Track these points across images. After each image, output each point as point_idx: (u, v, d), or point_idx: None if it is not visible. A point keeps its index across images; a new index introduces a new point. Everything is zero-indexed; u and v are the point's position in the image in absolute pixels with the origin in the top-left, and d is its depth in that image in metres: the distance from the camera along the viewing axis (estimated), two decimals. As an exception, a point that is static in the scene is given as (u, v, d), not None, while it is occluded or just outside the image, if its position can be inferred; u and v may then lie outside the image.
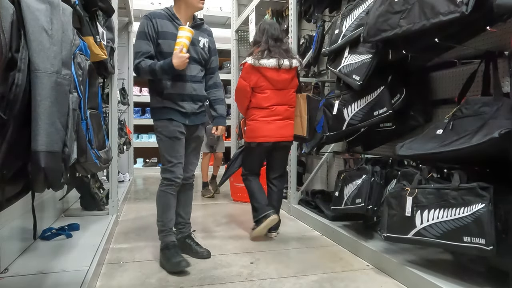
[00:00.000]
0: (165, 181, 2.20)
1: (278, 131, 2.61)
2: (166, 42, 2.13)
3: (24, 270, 1.81)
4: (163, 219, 2.21)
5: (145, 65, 2.10)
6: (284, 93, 2.62)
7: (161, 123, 2.18)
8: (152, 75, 2.12)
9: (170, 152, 2.18)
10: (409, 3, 1.75)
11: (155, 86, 2.19)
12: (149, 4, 6.36)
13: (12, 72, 0.98)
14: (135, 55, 2.17)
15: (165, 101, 2.16)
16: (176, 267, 2.03)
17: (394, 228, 1.89)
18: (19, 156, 1.05)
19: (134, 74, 2.16)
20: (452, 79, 2.19)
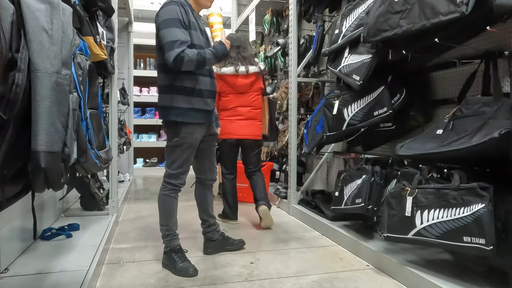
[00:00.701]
0: (169, 185, 2.12)
1: (240, 129, 2.95)
2: (194, 33, 2.01)
3: (24, 270, 1.81)
4: (167, 223, 2.15)
5: (191, 53, 1.89)
6: (245, 96, 2.95)
7: (187, 128, 2.01)
8: (199, 65, 1.95)
9: (185, 159, 2.07)
10: (409, 3, 1.75)
11: (184, 82, 2.00)
12: (149, 4, 6.36)
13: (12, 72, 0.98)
14: (170, 45, 1.90)
15: (194, 100, 2.01)
16: (184, 274, 1.99)
17: (394, 228, 1.89)
18: (19, 156, 1.05)
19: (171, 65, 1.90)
20: (452, 79, 2.19)
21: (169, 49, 1.90)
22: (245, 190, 3.95)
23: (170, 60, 1.90)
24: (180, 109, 2.00)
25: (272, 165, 4.20)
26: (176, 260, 2.06)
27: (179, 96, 2.00)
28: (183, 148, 2.05)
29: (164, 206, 2.16)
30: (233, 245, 2.40)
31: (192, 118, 2.02)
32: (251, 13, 4.73)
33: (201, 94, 2.03)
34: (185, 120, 2.01)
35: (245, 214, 3.46)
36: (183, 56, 1.88)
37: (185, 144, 2.04)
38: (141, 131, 6.52)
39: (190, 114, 2.01)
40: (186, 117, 2.00)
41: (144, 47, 6.43)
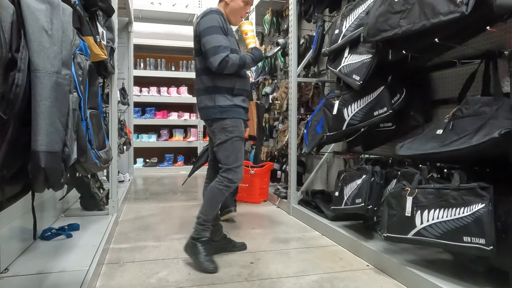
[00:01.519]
0: (225, 181, 2.17)
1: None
2: (231, 39, 2.18)
3: (24, 270, 1.81)
4: (207, 214, 2.19)
5: (235, 58, 2.09)
6: None
7: (233, 122, 2.16)
8: (240, 68, 2.13)
9: (239, 152, 2.18)
10: (409, 3, 1.75)
11: (225, 83, 2.16)
12: (149, 4, 6.38)
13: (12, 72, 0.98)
14: (215, 49, 2.07)
15: (235, 99, 2.16)
16: (205, 268, 2.05)
17: (394, 228, 1.89)
18: (19, 156, 1.05)
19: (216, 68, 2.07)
20: (452, 79, 2.19)
21: (214, 54, 2.06)
22: (245, 190, 3.96)
23: (216, 63, 2.06)
24: (224, 107, 2.15)
25: (272, 165, 4.21)
26: (201, 251, 2.11)
27: (221, 95, 2.15)
28: (233, 142, 2.16)
29: (213, 198, 2.20)
30: (235, 247, 2.40)
31: (235, 113, 2.17)
32: (251, 13, 4.73)
33: (240, 93, 2.19)
34: (230, 115, 2.15)
35: (245, 214, 3.46)
36: (227, 60, 2.06)
37: (235, 137, 2.16)
38: (141, 131, 6.52)
39: (233, 109, 2.16)
40: (230, 113, 2.15)
41: (144, 47, 6.43)
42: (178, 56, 6.80)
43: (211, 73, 2.15)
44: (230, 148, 2.16)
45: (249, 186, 3.93)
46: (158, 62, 6.58)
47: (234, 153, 2.16)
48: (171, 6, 6.54)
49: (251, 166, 4.05)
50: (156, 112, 6.62)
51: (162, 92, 6.59)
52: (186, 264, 2.18)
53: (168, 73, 6.51)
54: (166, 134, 6.70)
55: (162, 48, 6.63)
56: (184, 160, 6.75)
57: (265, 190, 4.02)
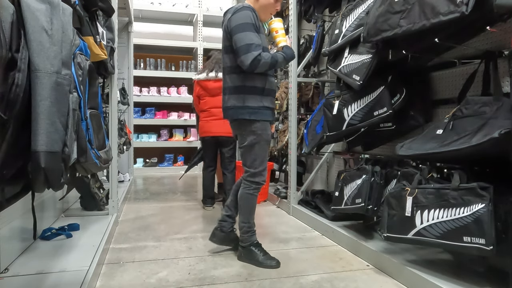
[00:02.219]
0: (253, 184, 2.19)
1: (215, 127, 3.42)
2: (262, 36, 2.14)
3: (24, 270, 1.81)
4: (249, 220, 2.24)
5: (267, 57, 2.04)
6: (217, 98, 3.34)
7: (261, 124, 2.13)
8: (271, 67, 2.09)
9: (264, 155, 2.18)
10: (409, 3, 1.75)
11: (255, 83, 2.11)
12: (149, 4, 6.38)
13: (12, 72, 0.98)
14: (247, 48, 2.01)
15: (264, 99, 2.13)
16: (269, 265, 2.12)
17: (394, 228, 1.89)
18: (19, 156, 1.05)
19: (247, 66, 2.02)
20: (452, 79, 2.19)
21: (246, 52, 2.01)
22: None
23: (247, 62, 2.00)
24: (253, 108, 2.11)
25: (272, 165, 4.21)
26: (257, 253, 2.17)
27: (250, 96, 2.11)
28: (261, 145, 2.15)
29: (247, 205, 2.24)
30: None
31: (264, 115, 2.13)
32: (251, 13, 4.73)
33: (269, 93, 2.16)
34: (258, 118, 2.11)
35: (245, 214, 3.46)
36: (259, 59, 2.00)
37: (262, 140, 2.15)
38: (141, 131, 6.52)
39: (262, 112, 2.12)
40: (259, 115, 2.12)
41: (144, 47, 6.43)
42: (178, 56, 6.80)
43: (242, 71, 2.10)
44: (257, 152, 2.15)
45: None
46: (158, 62, 6.57)
47: (260, 156, 2.16)
48: (171, 6, 6.54)
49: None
50: (156, 112, 6.62)
51: (162, 92, 6.59)
52: (186, 264, 2.18)
53: (168, 73, 6.51)
54: (166, 134, 6.70)
55: (162, 48, 6.63)
56: (184, 160, 6.74)
57: (265, 190, 4.02)
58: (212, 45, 6.53)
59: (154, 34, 6.78)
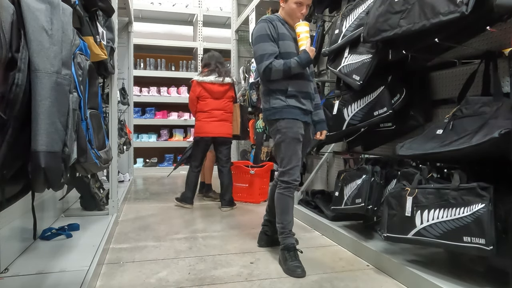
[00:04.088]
0: (283, 183, 2.18)
1: (215, 129, 3.59)
2: (284, 43, 2.19)
3: (24, 270, 1.81)
4: (282, 221, 2.21)
5: (278, 64, 2.12)
6: (219, 101, 3.61)
7: (285, 123, 2.16)
8: (286, 73, 2.13)
9: (292, 154, 2.16)
10: (409, 3, 1.75)
11: (277, 86, 2.18)
12: (149, 4, 6.38)
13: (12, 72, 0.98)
14: (260, 58, 2.16)
15: (289, 100, 2.16)
16: (292, 273, 2.03)
17: (394, 228, 1.89)
18: (19, 156, 1.05)
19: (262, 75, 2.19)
20: (452, 79, 2.19)
21: (259, 62, 2.17)
22: (245, 190, 3.96)
23: (260, 71, 2.17)
24: (277, 108, 2.18)
25: (272, 165, 4.20)
26: (287, 258, 2.11)
27: (274, 98, 2.19)
28: (286, 143, 2.16)
29: (279, 204, 2.22)
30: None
31: (288, 113, 2.16)
32: (251, 13, 4.73)
33: (294, 94, 2.18)
34: (282, 116, 2.16)
35: (245, 214, 3.46)
36: (270, 68, 2.12)
37: (287, 138, 2.15)
38: (141, 131, 6.52)
39: (286, 110, 2.17)
40: (282, 114, 2.17)
41: (144, 47, 6.43)
42: (178, 56, 6.80)
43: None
44: (283, 150, 2.16)
45: (249, 186, 3.94)
46: (158, 62, 6.58)
47: (287, 155, 2.15)
48: (171, 6, 6.54)
49: (251, 166, 4.06)
50: (156, 112, 6.62)
51: (162, 92, 6.59)
52: (186, 264, 2.18)
53: (168, 73, 6.51)
54: (166, 134, 6.70)
55: (162, 48, 6.63)
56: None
57: (265, 190, 4.02)
58: (212, 45, 6.53)
59: (154, 34, 6.78)
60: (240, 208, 3.74)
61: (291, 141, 2.15)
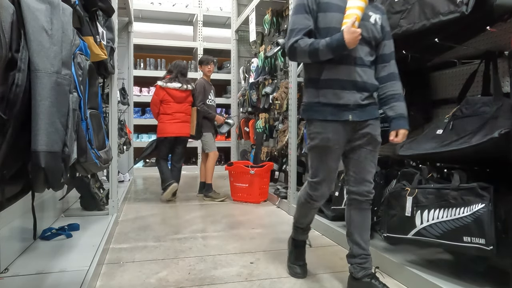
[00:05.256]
0: (306, 194, 1.88)
1: (177, 129, 4.03)
2: (327, 15, 1.69)
3: (24, 270, 1.81)
4: (298, 220, 2.00)
5: (304, 44, 1.66)
6: (181, 105, 4.06)
7: (314, 126, 1.74)
8: (312, 57, 1.67)
9: (317, 164, 1.76)
10: (409, 3, 1.75)
11: (310, 72, 1.77)
12: (149, 4, 6.38)
13: (12, 72, 0.98)
14: (289, 33, 1.74)
15: (321, 92, 1.70)
16: (291, 272, 2.00)
17: (394, 228, 1.89)
18: (19, 156, 1.05)
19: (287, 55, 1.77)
20: (452, 79, 2.19)
21: (287, 39, 1.74)
22: (245, 190, 3.96)
23: (286, 50, 1.75)
24: (306, 105, 1.78)
25: (272, 165, 4.21)
26: (290, 255, 2.04)
27: (308, 89, 1.78)
28: (314, 152, 1.76)
29: (301, 208, 1.96)
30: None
31: (317, 113, 1.72)
32: (251, 13, 4.73)
33: (330, 85, 1.69)
34: (311, 116, 1.75)
35: (245, 214, 3.46)
36: (295, 47, 1.69)
37: (316, 147, 1.74)
38: (141, 131, 6.51)
39: (315, 109, 1.72)
40: (311, 113, 1.75)
41: (144, 47, 6.43)
42: (178, 56, 6.79)
43: (307, 62, 1.79)
44: (310, 158, 1.82)
45: (249, 186, 3.94)
46: (158, 62, 6.57)
47: (313, 165, 1.79)
48: (171, 6, 6.54)
49: (251, 166, 4.06)
50: (156, 112, 6.61)
51: (162, 92, 6.58)
52: (186, 264, 2.18)
53: (168, 73, 6.50)
54: (166, 134, 6.70)
55: (162, 48, 6.63)
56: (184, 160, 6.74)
57: (265, 190, 4.03)
58: (212, 45, 6.54)
59: (154, 34, 6.78)
60: (240, 208, 3.74)
61: (319, 151, 1.74)
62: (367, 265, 1.80)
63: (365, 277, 1.77)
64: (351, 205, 1.84)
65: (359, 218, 1.84)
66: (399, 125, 1.71)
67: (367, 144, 1.75)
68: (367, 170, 1.77)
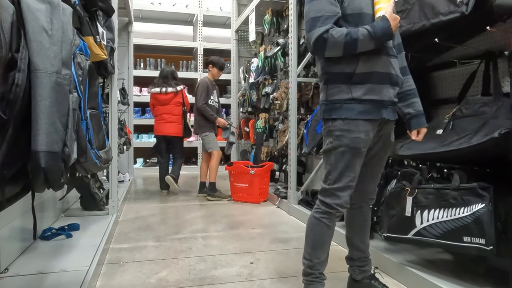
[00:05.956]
0: (323, 206, 1.58)
1: (164, 129, 4.44)
2: (354, 0, 1.48)
3: (24, 270, 1.81)
4: (311, 257, 1.62)
5: (338, 34, 1.41)
6: (166, 107, 4.44)
7: (344, 124, 1.50)
8: (348, 49, 1.43)
9: (344, 168, 1.52)
10: (409, 3, 1.75)
11: (336, 66, 1.51)
12: (149, 4, 6.38)
13: (12, 72, 0.98)
14: (311, 23, 1.47)
15: (354, 88, 1.48)
16: None
17: (394, 228, 1.89)
18: (19, 156, 1.05)
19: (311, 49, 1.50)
20: (452, 79, 2.19)
21: (310, 28, 1.47)
22: (245, 190, 3.96)
23: (311, 42, 1.47)
24: (335, 102, 1.51)
25: (272, 165, 4.21)
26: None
27: (334, 86, 1.52)
28: (340, 153, 1.52)
29: (311, 234, 1.63)
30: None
31: (350, 112, 1.49)
32: (251, 13, 4.73)
33: (367, 79, 1.48)
34: (341, 115, 1.50)
35: (245, 214, 3.46)
36: (326, 38, 1.42)
37: (342, 147, 1.51)
38: (141, 131, 6.51)
39: (348, 106, 1.49)
40: (342, 112, 1.50)
41: (144, 47, 6.43)
42: (178, 56, 6.80)
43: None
44: (333, 161, 1.54)
45: (249, 186, 3.94)
46: (158, 62, 6.57)
47: (336, 167, 1.53)
48: (171, 6, 6.54)
49: (251, 166, 4.06)
50: (156, 112, 6.62)
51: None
52: (186, 264, 2.18)
53: (168, 73, 6.50)
54: (166, 134, 6.70)
55: (162, 48, 6.63)
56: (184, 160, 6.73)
57: (265, 190, 4.03)
58: (212, 45, 6.54)
59: (154, 34, 6.78)
60: (240, 208, 3.74)
61: (347, 152, 1.51)
62: (367, 267, 1.77)
63: (365, 279, 1.77)
64: (353, 209, 1.75)
65: (361, 222, 1.79)
66: (421, 123, 1.62)
67: (384, 148, 1.65)
68: (377, 177, 1.70)
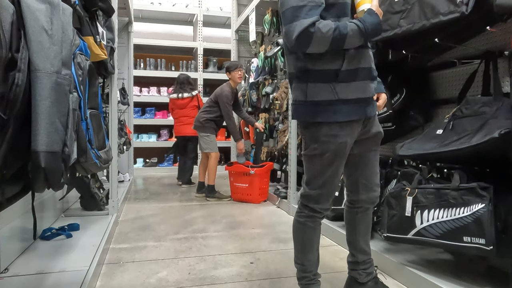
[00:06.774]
0: (306, 210, 1.54)
1: (182, 130, 5.00)
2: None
3: (24, 270, 1.81)
4: (302, 261, 1.61)
5: (325, 28, 1.27)
6: (183, 110, 5.01)
7: (329, 129, 1.39)
8: (335, 45, 1.30)
9: (329, 174, 1.46)
10: (409, 3, 1.75)
11: (323, 63, 1.37)
12: (149, 4, 6.38)
13: (12, 72, 0.98)
14: (291, 13, 1.29)
15: (339, 88, 1.36)
16: None
17: (394, 228, 1.89)
18: (19, 156, 1.05)
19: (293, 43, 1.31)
20: (452, 79, 2.19)
21: (292, 20, 1.28)
22: (245, 190, 3.96)
23: (293, 36, 1.28)
24: (319, 103, 1.38)
25: (272, 165, 4.21)
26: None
27: (316, 84, 1.39)
28: (325, 159, 1.43)
29: (298, 238, 1.61)
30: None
31: (338, 114, 1.37)
32: (251, 13, 4.73)
33: (353, 77, 1.37)
34: (327, 118, 1.38)
35: (245, 214, 3.46)
36: (312, 32, 1.26)
37: (328, 152, 1.42)
38: (141, 131, 6.52)
39: (333, 108, 1.37)
40: (328, 114, 1.38)
41: (144, 47, 6.43)
42: (178, 56, 6.80)
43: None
44: (317, 168, 1.47)
45: (249, 186, 3.94)
46: (158, 62, 6.57)
47: (322, 176, 1.46)
48: (171, 6, 6.55)
49: (251, 166, 4.06)
50: (156, 112, 6.62)
51: (162, 92, 6.59)
52: (186, 264, 2.18)
53: (168, 73, 6.51)
54: (166, 134, 6.70)
55: (162, 48, 6.63)
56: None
57: (265, 190, 4.03)
58: (212, 45, 6.54)
59: (154, 34, 6.78)
60: (240, 208, 3.74)
61: (333, 158, 1.43)
62: (371, 269, 1.73)
63: (370, 281, 1.71)
64: (357, 213, 1.69)
65: (365, 224, 1.73)
66: (380, 88, 1.55)
67: (374, 144, 1.57)
68: (375, 172, 1.60)
